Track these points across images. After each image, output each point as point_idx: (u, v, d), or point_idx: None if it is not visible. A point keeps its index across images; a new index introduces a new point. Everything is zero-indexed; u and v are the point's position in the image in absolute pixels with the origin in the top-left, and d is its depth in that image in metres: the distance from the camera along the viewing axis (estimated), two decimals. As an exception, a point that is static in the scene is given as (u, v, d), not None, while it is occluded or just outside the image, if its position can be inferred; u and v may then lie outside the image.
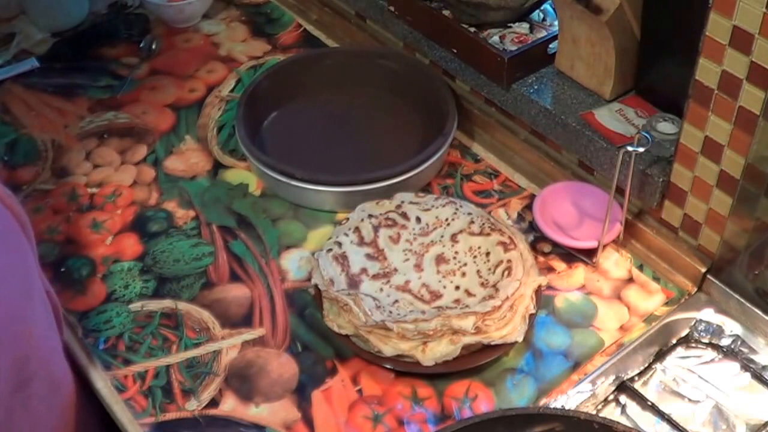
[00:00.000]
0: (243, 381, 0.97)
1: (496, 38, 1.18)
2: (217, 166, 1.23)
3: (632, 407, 0.94)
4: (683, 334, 1.00)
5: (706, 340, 0.99)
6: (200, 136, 1.28)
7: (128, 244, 1.13)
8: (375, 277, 1.01)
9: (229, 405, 0.95)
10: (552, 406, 0.91)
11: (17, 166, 1.24)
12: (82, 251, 1.12)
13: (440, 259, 1.03)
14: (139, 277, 1.08)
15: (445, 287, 1.00)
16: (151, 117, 1.32)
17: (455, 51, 1.20)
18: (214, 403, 0.95)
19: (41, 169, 1.24)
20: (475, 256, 1.02)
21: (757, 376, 0.96)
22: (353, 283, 1.00)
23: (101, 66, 1.42)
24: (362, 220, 1.06)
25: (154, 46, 1.45)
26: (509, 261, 0.99)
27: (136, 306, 1.05)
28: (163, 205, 1.18)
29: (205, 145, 1.27)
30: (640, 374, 0.96)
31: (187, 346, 1.00)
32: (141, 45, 1.45)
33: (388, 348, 0.94)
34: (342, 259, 1.02)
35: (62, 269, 1.09)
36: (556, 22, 1.16)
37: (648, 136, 0.96)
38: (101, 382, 0.97)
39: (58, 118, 1.33)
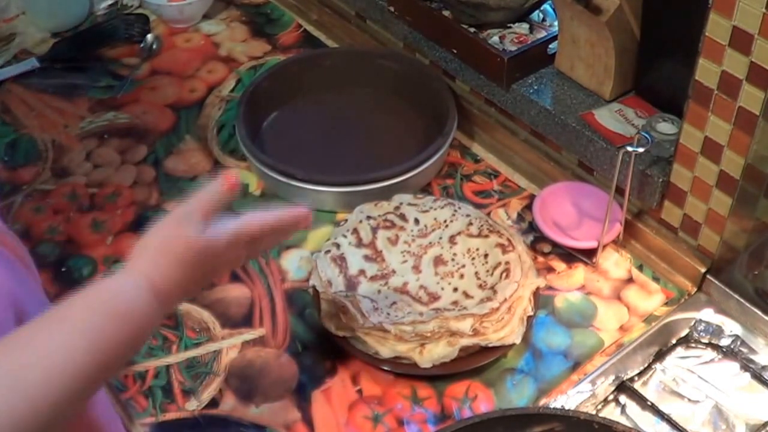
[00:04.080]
0: (243, 381, 0.97)
1: (495, 38, 1.18)
2: (217, 166, 1.23)
3: (632, 407, 0.93)
4: (683, 334, 1.00)
5: (705, 340, 0.99)
6: (200, 136, 1.28)
7: (129, 244, 1.11)
8: (373, 278, 1.01)
9: (229, 405, 0.95)
10: (552, 406, 0.91)
11: (17, 166, 1.24)
12: (83, 251, 1.12)
13: (438, 261, 1.03)
14: (139, 277, 1.08)
15: (443, 289, 1.00)
16: (151, 117, 1.32)
17: (455, 51, 1.20)
18: (214, 403, 0.95)
19: (41, 169, 1.24)
20: (473, 258, 1.02)
21: (757, 376, 0.96)
22: (351, 284, 1.00)
23: (101, 66, 1.42)
24: (360, 221, 1.06)
25: (154, 46, 1.45)
26: (507, 263, 0.99)
27: (136, 306, 1.05)
28: (163, 205, 1.18)
29: (205, 145, 1.27)
30: (640, 374, 0.96)
31: (187, 346, 1.00)
32: (141, 45, 1.45)
33: (386, 349, 0.94)
34: (340, 261, 1.02)
35: (63, 269, 1.09)
36: (555, 23, 1.16)
37: (648, 137, 0.96)
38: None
39: (58, 118, 1.33)
